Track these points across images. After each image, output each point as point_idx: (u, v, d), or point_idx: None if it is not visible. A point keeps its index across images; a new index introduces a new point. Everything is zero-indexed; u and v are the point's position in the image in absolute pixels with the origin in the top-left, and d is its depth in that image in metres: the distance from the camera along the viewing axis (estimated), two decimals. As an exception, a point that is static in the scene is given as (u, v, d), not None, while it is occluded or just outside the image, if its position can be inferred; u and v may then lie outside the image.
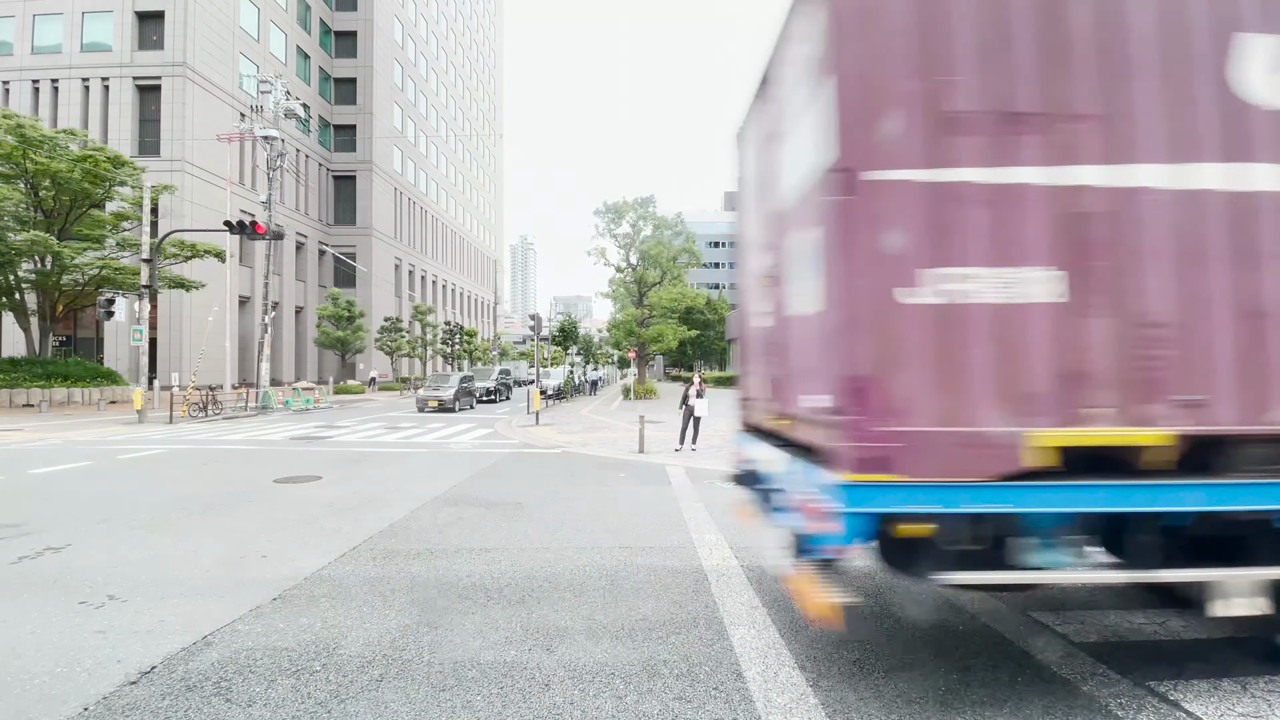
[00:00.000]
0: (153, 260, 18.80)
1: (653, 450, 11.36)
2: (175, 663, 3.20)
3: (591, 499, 7.32)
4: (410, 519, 6.29)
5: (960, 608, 3.96)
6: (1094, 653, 3.33)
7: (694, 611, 3.91)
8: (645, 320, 31.11)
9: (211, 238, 27.24)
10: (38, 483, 8.24)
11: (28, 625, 3.66)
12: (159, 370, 28.76)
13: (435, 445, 12.50)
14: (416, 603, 4.03)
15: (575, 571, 4.68)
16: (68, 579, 4.47)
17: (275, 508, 6.78)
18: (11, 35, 30.72)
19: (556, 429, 15.48)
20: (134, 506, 6.82)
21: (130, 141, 30.00)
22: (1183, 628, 3.66)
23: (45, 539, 5.51)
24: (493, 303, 78.37)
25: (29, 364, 22.35)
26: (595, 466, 9.82)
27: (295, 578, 4.50)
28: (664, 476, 8.87)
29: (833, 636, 3.53)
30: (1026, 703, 2.84)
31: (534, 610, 3.92)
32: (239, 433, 14.82)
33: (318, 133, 42.29)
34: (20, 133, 20.10)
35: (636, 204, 29.55)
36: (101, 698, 2.86)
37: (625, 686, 2.98)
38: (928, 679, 3.06)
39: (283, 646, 3.39)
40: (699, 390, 11.17)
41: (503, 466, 9.80)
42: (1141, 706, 2.80)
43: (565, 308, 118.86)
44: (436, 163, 58.04)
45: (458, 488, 8.00)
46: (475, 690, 2.93)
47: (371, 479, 8.58)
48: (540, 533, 5.79)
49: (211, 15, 31.65)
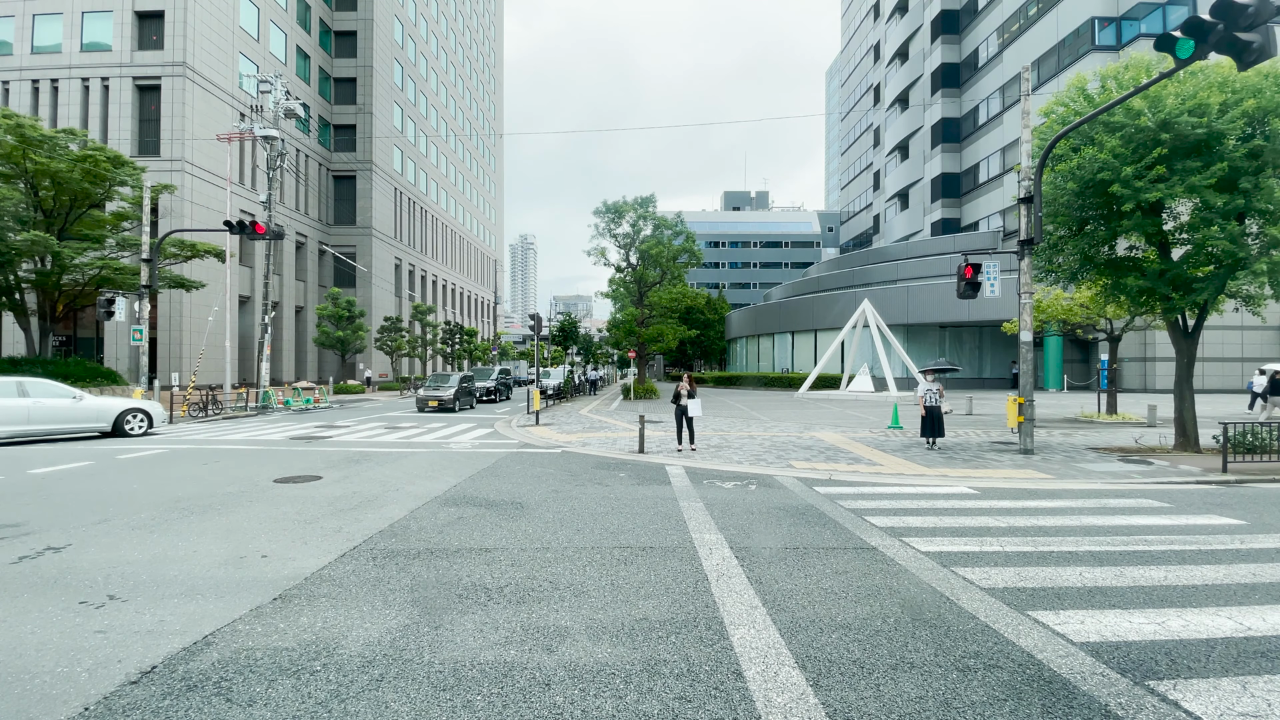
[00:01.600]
0: (153, 260, 18.80)
1: (653, 450, 11.36)
2: (176, 662, 3.20)
3: (592, 499, 7.32)
4: (410, 519, 6.30)
5: (960, 607, 3.97)
6: (1094, 653, 3.33)
7: (694, 611, 3.91)
8: (645, 320, 31.11)
9: (211, 237, 27.27)
10: (38, 483, 8.24)
11: (28, 625, 3.67)
12: (159, 370, 28.76)
13: (435, 445, 12.50)
14: (417, 602, 4.03)
15: (575, 571, 4.69)
16: (68, 579, 4.47)
17: (275, 507, 6.78)
18: (11, 35, 30.70)
19: (556, 429, 15.48)
20: (134, 506, 6.82)
21: (130, 141, 29.99)
22: (1182, 627, 3.66)
23: (45, 539, 5.51)
24: (493, 302, 78.34)
25: (29, 364, 22.31)
26: (595, 466, 9.82)
27: (295, 577, 4.50)
28: (664, 476, 8.87)
29: (833, 636, 3.53)
30: (1026, 703, 2.84)
31: (534, 610, 3.92)
32: (239, 432, 14.82)
33: (317, 132, 42.26)
34: (20, 132, 20.07)
35: (636, 204, 29.54)
36: (102, 697, 2.86)
37: (625, 686, 2.98)
38: (928, 678, 3.06)
39: (283, 646, 3.39)
40: (690, 390, 11.18)
41: (503, 466, 9.80)
42: (1141, 706, 2.80)
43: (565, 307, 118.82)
44: (436, 162, 58.01)
45: (458, 487, 8.00)
46: (475, 690, 2.94)
47: (371, 479, 8.58)
48: (540, 532, 5.80)
49: (211, 15, 31.63)
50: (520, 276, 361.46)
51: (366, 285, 43.78)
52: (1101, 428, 15.60)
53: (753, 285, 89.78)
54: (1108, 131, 10.28)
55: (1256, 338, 30.58)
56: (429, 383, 23.19)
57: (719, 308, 59.98)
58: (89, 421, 13.54)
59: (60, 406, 13.21)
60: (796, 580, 4.49)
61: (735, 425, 15.95)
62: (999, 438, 13.34)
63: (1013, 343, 32.06)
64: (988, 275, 11.43)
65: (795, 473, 9.15)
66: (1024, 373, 11.09)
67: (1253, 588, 4.36)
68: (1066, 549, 5.30)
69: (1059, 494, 7.77)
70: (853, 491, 7.85)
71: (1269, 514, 6.67)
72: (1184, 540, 5.60)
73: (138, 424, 14.21)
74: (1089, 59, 32.55)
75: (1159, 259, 10.79)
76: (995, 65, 41.33)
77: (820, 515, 6.51)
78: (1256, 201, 9.60)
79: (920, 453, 11.12)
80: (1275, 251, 9.65)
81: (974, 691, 2.93)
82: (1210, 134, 9.54)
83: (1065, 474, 9.04)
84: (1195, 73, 10.10)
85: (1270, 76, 9.55)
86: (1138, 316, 13.32)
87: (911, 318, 34.44)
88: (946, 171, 46.30)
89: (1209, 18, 7.19)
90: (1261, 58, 7.00)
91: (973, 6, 44.73)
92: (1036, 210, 10.34)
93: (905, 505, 7.09)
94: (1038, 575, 4.61)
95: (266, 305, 23.93)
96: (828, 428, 15.45)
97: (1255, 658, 3.28)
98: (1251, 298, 10.73)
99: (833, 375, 33.04)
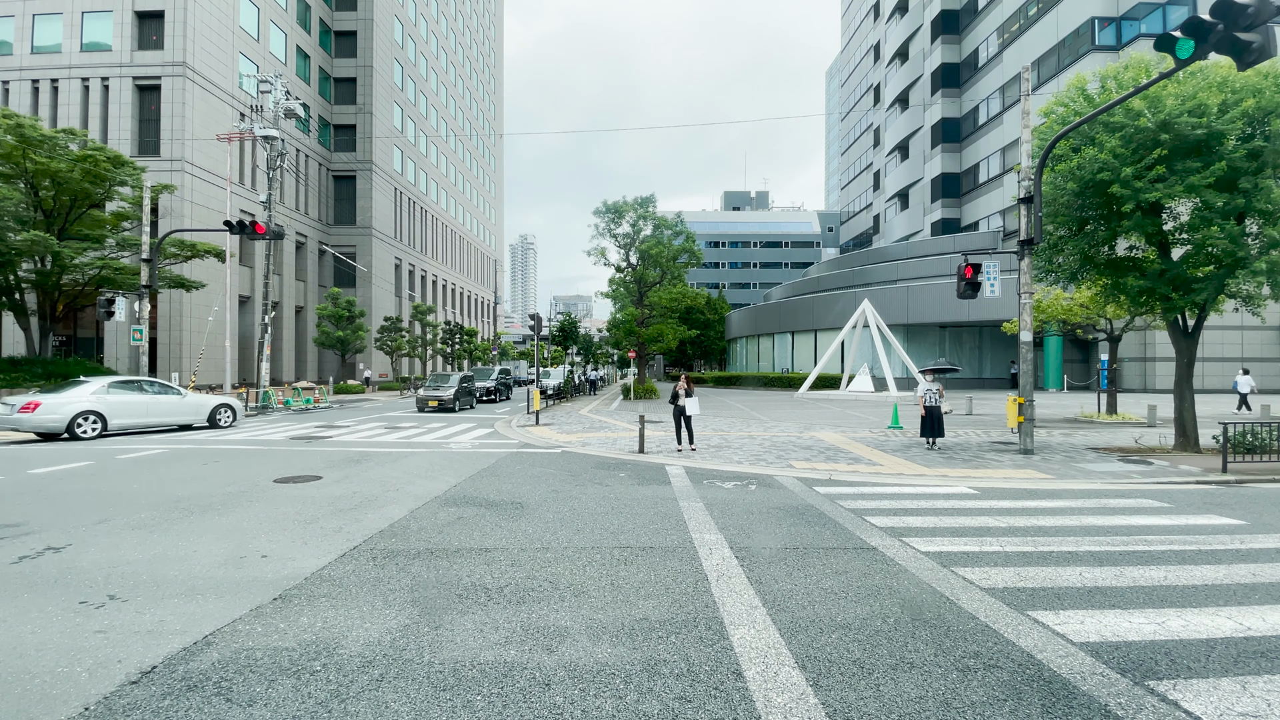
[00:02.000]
0: (153, 260, 18.79)
1: (653, 450, 11.37)
2: (176, 662, 3.20)
3: (592, 499, 7.32)
4: (410, 519, 6.30)
5: (960, 607, 3.97)
6: (1094, 653, 3.34)
7: (694, 611, 3.91)
8: (645, 320, 31.12)
9: (211, 237, 27.28)
10: (38, 483, 8.24)
11: (28, 625, 3.67)
12: (159, 370, 28.77)
13: (435, 445, 12.50)
14: (417, 602, 4.03)
15: (575, 571, 4.69)
16: (68, 579, 4.47)
17: (275, 507, 6.78)
18: (11, 35, 30.70)
19: (556, 429, 15.48)
20: (134, 506, 6.82)
21: (130, 141, 29.99)
22: (1182, 627, 3.66)
23: (45, 539, 5.51)
24: (493, 302, 78.34)
25: (29, 364, 22.32)
26: (595, 466, 9.82)
27: (295, 577, 4.51)
28: (664, 476, 8.87)
29: (833, 636, 3.53)
30: (1026, 703, 2.84)
31: (534, 610, 3.92)
32: (239, 432, 14.81)
33: (317, 132, 42.25)
34: (20, 132, 20.08)
35: (636, 204, 29.54)
36: (102, 697, 2.86)
37: (625, 686, 2.98)
38: (928, 678, 3.06)
39: (283, 646, 3.39)
40: (687, 389, 11.20)
41: (503, 466, 9.80)
42: (1141, 706, 2.81)
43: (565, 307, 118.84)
44: (436, 162, 58.01)
45: (458, 487, 8.00)
46: (476, 690, 2.94)
47: (371, 479, 8.58)
48: (540, 532, 5.80)
49: (211, 15, 31.63)
50: (520, 276, 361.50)
51: (366, 285, 43.78)
52: (1101, 428, 15.60)
53: (753, 285, 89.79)
54: (1108, 132, 10.28)
55: (1256, 338, 30.59)
56: (429, 383, 23.19)
57: (719, 308, 59.98)
58: (190, 415, 15.35)
59: (170, 401, 14.98)
60: (796, 580, 4.49)
61: (735, 425, 15.95)
62: (999, 438, 13.34)
63: (1012, 343, 32.08)
64: (988, 275, 11.43)
65: (795, 473, 9.15)
66: (1024, 372, 11.09)
67: (1252, 588, 4.36)
68: (1066, 549, 5.30)
69: (1059, 494, 7.77)
70: (853, 491, 7.85)
71: (1269, 514, 6.67)
72: (1184, 540, 5.60)
73: (225, 417, 16.16)
74: (1089, 59, 32.56)
75: (1159, 259, 10.80)
76: (995, 65, 41.33)
77: (820, 515, 6.51)
78: (1256, 201, 9.60)
79: (920, 453, 11.12)
80: (1275, 251, 9.65)
81: (974, 691, 2.93)
82: (1210, 134, 9.54)
83: (1065, 474, 9.04)
84: (1195, 73, 10.09)
85: (1270, 76, 9.55)
86: (1138, 316, 13.32)
87: (911, 318, 34.44)
88: (946, 171, 46.31)
89: (1209, 18, 7.19)
90: (1261, 58, 7.00)
91: (973, 6, 44.73)
92: (1036, 210, 10.34)
93: (905, 505, 7.09)
94: (1038, 575, 4.61)
95: (266, 305, 23.93)
96: (827, 428, 15.45)
97: (1255, 658, 3.28)
98: (1251, 298, 10.73)
99: (833, 375, 33.05)
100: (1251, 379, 20.33)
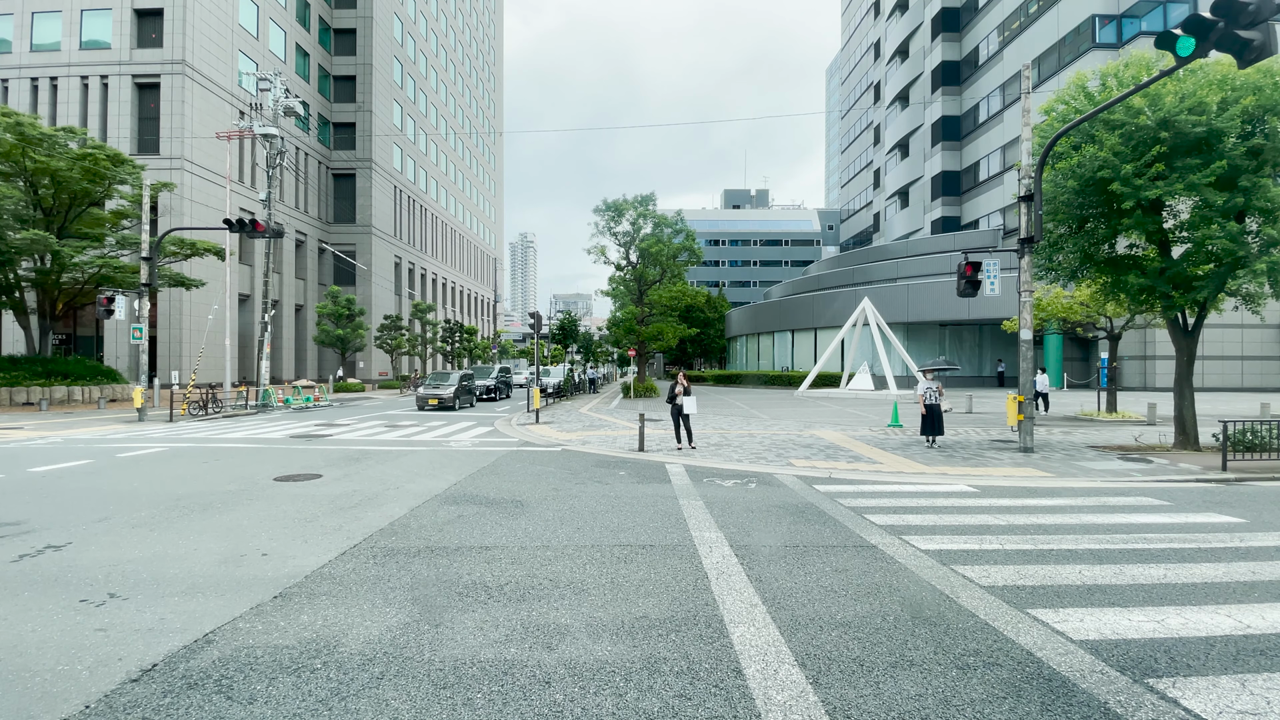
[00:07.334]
0: (152, 258, 18.77)
1: (653, 448, 11.37)
2: (176, 660, 3.21)
3: (592, 497, 7.33)
4: (410, 517, 6.30)
5: (960, 605, 3.97)
6: (1093, 650, 3.34)
7: (694, 609, 3.91)
8: (645, 318, 31.10)
9: (211, 236, 27.23)
10: (38, 481, 8.24)
11: (29, 623, 3.67)
12: (159, 368, 28.76)
13: (435, 443, 12.50)
14: (417, 600, 4.04)
15: (575, 569, 4.69)
16: (69, 577, 4.47)
17: (275, 506, 6.78)
18: (10, 33, 30.64)
19: (556, 427, 15.48)
20: (134, 505, 6.83)
21: (129, 139, 29.96)
22: (1182, 625, 3.67)
23: (46, 537, 5.52)
24: (492, 301, 78.30)
25: (29, 362, 22.33)
26: (595, 464, 9.82)
27: (296, 576, 4.51)
28: (664, 474, 8.87)
29: (833, 634, 3.54)
30: (1026, 700, 2.85)
31: (534, 608, 3.92)
32: (239, 431, 14.81)
33: (317, 130, 42.21)
34: (19, 131, 20.05)
35: (636, 202, 29.51)
36: (103, 695, 2.86)
37: (625, 684, 2.98)
38: (927, 676, 3.06)
39: (283, 644, 3.39)
40: (685, 388, 11.19)
41: (503, 464, 9.81)
42: (1140, 704, 2.81)
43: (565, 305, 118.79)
44: (436, 160, 57.95)
45: (458, 486, 8.01)
46: (476, 688, 2.94)
47: (371, 477, 8.58)
48: (541, 530, 5.80)
49: (210, 13, 31.57)
50: (520, 275, 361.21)
51: (366, 283, 43.76)
52: (1101, 426, 15.60)
53: (753, 283, 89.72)
54: (1108, 129, 10.27)
55: (1256, 336, 30.57)
56: (429, 381, 23.19)
57: (719, 306, 59.91)
58: None
59: None
60: (796, 578, 4.50)
61: (735, 423, 15.95)
62: (999, 436, 13.34)
63: (1012, 341, 32.05)
64: (988, 273, 11.42)
65: (795, 471, 9.16)
66: (1024, 371, 11.09)
67: (1252, 586, 4.36)
68: (1066, 547, 5.31)
69: (1059, 492, 7.77)
70: (852, 489, 7.85)
71: (1268, 512, 6.67)
72: (1183, 538, 5.60)
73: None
74: (1090, 57, 32.50)
75: (1159, 257, 10.79)
76: (996, 63, 41.26)
77: (820, 513, 6.51)
78: (1256, 200, 9.59)
79: (920, 451, 11.13)
80: (1275, 250, 9.65)
81: (973, 689, 2.94)
82: (1210, 132, 9.52)
83: (1065, 472, 9.05)
84: (1195, 70, 10.08)
85: (1270, 74, 9.54)
86: (1138, 315, 13.32)
87: (911, 316, 34.42)
88: (947, 169, 46.25)
89: (1210, 15, 7.17)
90: (1262, 56, 6.98)
91: (973, 4, 44.63)
92: (1037, 208, 10.33)
93: (905, 503, 7.10)
94: (1037, 573, 4.61)
95: (266, 303, 23.90)
96: (827, 426, 15.45)
97: (1254, 655, 3.29)
98: (1251, 296, 10.72)
99: (833, 374, 33.04)
100: (1047, 378, 20.37)
